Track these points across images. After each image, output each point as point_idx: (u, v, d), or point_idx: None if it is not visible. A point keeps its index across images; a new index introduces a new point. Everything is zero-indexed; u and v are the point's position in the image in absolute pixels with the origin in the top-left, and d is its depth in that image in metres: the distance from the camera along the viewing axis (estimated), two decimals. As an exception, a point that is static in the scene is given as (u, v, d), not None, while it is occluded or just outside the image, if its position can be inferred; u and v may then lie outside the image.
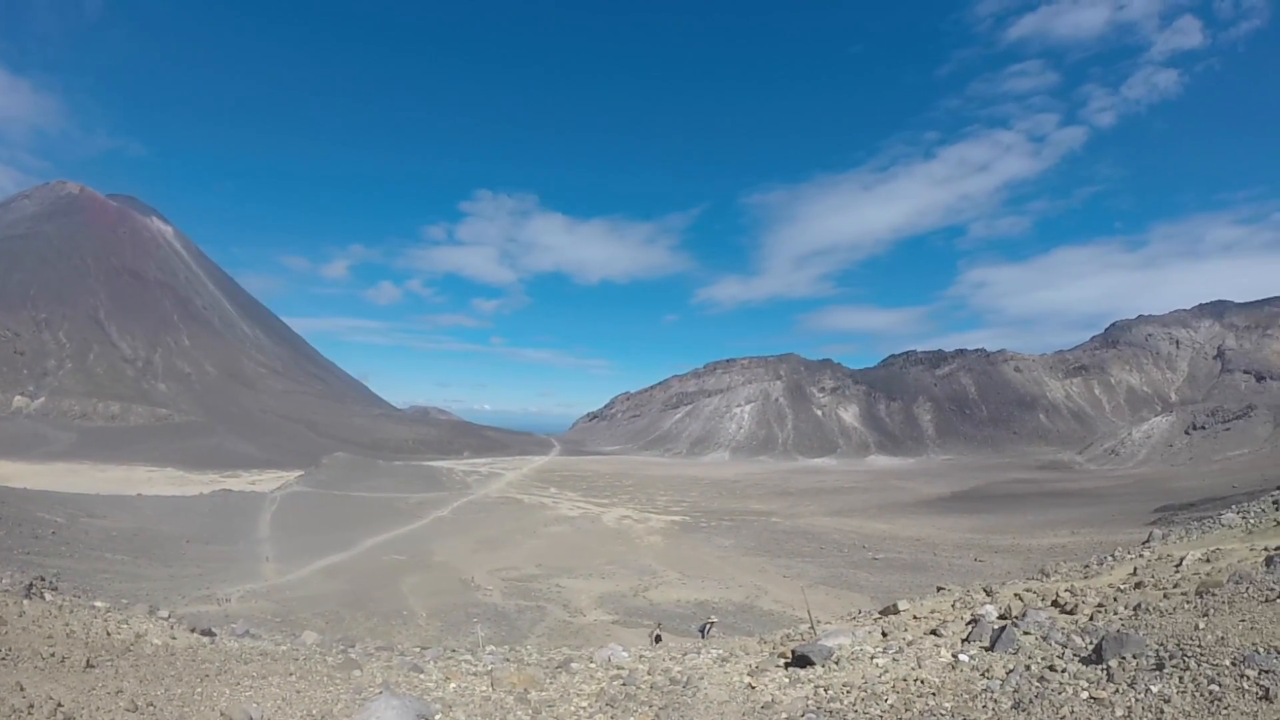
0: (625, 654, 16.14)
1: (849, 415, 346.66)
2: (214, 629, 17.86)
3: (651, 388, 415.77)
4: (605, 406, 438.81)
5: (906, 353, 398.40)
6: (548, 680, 12.85)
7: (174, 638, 13.62)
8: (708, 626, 36.23)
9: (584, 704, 11.54)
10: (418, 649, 17.43)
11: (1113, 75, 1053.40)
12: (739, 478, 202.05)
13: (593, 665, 14.49)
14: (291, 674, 11.15)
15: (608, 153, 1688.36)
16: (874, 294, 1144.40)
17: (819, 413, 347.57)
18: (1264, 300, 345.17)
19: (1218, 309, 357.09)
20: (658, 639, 34.47)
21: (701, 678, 13.25)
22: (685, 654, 16.57)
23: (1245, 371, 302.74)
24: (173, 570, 62.90)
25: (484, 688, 11.99)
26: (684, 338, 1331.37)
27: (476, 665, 14.38)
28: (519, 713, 10.85)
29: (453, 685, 12.06)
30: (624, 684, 12.71)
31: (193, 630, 16.20)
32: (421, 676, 12.40)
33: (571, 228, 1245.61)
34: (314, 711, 9.71)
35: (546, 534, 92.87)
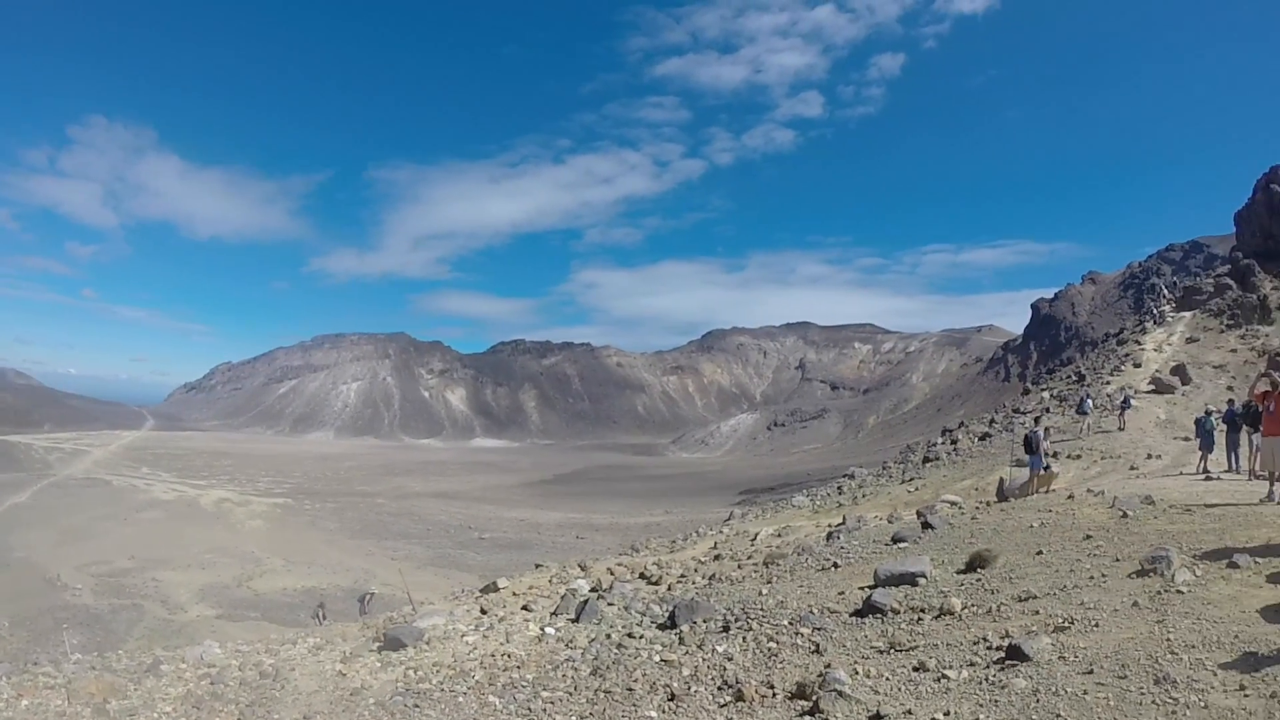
0: (219, 650, 15.12)
1: (456, 398, 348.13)
2: None
3: (255, 359, 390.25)
4: (205, 377, 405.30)
5: (515, 341, 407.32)
6: (132, 687, 11.71)
7: None
8: (367, 598, 35.72)
9: (168, 709, 10.65)
10: (-6, 666, 15.22)
11: (738, 124, 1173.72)
12: (344, 457, 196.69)
13: (183, 666, 13.42)
14: None
15: (238, 95, 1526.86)
16: (488, 282, 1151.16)
17: (426, 394, 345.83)
18: (841, 326, 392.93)
19: (802, 328, 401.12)
20: (322, 618, 34.35)
21: (293, 669, 12.76)
22: (282, 645, 15.89)
23: (822, 381, 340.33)
24: None
25: (59, 702, 10.74)
26: (293, 308, 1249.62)
27: (57, 677, 12.82)
28: (96, 725, 9.84)
29: (25, 702, 10.67)
30: (212, 683, 11.92)
31: None
32: (-11, 698, 10.86)
33: (187, 174, 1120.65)
34: None
35: (139, 520, 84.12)
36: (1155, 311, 70.80)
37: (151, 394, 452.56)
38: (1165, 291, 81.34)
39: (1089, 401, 40.76)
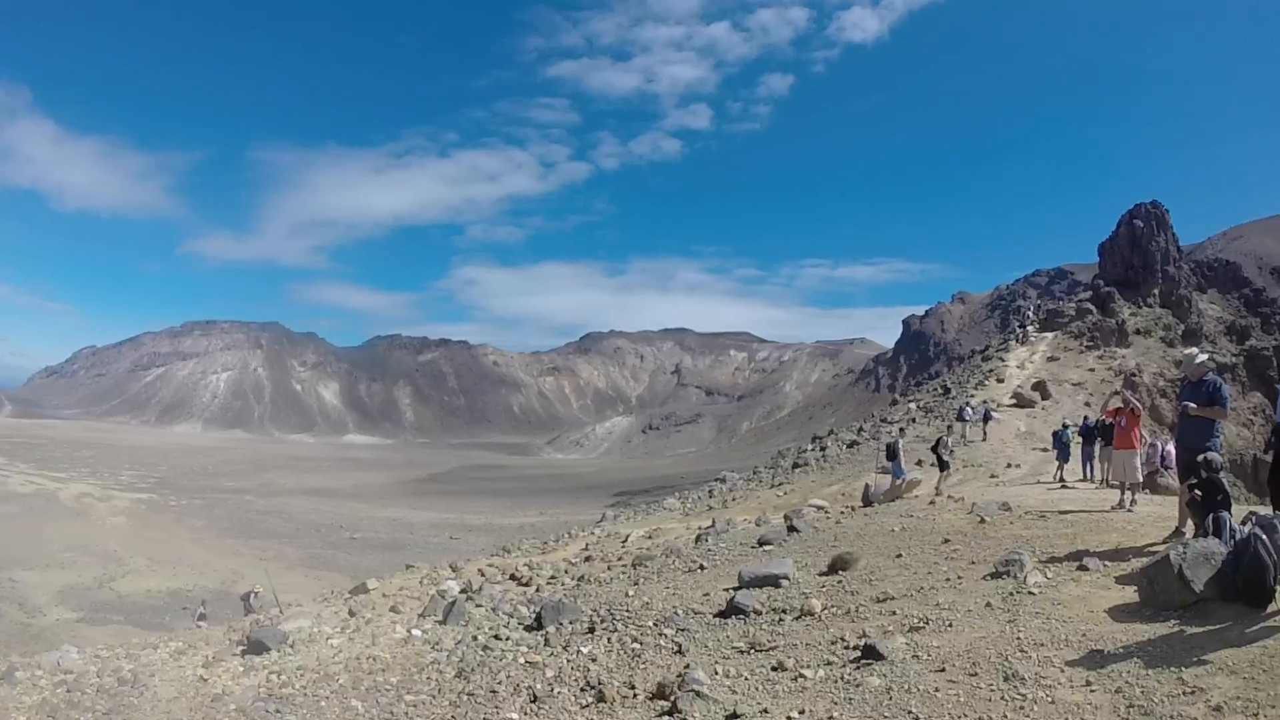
0: (77, 656, 14.31)
1: (329, 393, 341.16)
2: None
3: (121, 344, 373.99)
4: (67, 361, 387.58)
5: (392, 336, 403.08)
6: (-15, 698, 11.03)
7: None
8: (251, 595, 34.57)
9: (21, 718, 10.07)
10: None
11: (626, 130, 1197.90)
12: (212, 450, 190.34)
13: (39, 673, 12.65)
14: None
15: (120, 60, 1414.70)
16: (366, 274, 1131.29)
17: (299, 387, 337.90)
18: (718, 333, 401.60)
19: (679, 334, 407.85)
20: (201, 617, 33.68)
21: (153, 674, 12.16)
22: (143, 649, 15.18)
23: (698, 387, 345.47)
24: None
25: (-94, 716, 10.01)
26: (163, 290, 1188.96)
27: (-94, 688, 11.96)
28: (-57, 740, 9.21)
29: (-128, 718, 9.93)
30: (69, 690, 11.27)
31: None
32: None
33: (61, 141, 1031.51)
34: None
35: (-7, 516, 79.71)
36: (1020, 331, 73.85)
37: (9, 377, 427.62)
38: (1030, 313, 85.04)
39: (968, 409, 42.58)
